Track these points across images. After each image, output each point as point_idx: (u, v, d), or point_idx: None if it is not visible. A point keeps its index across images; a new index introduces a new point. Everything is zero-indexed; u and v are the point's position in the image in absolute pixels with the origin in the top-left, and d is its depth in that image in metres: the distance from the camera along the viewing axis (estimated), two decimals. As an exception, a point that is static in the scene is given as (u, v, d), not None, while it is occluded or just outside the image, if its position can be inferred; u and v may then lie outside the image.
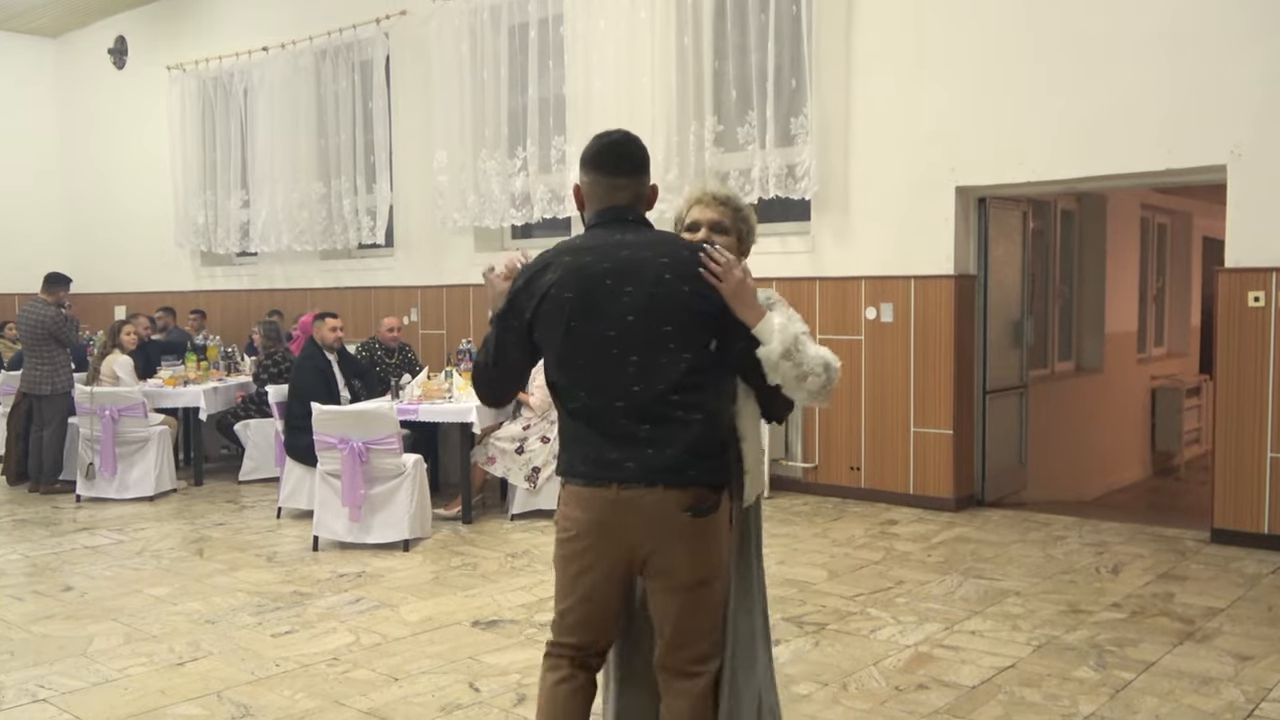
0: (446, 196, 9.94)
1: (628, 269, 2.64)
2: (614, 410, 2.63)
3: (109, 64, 13.88)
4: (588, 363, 2.65)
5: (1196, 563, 6.04)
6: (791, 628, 4.93)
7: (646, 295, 2.63)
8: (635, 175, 2.77)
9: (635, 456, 2.60)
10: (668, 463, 2.59)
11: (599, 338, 2.63)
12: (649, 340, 2.62)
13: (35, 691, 4.25)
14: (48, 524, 7.44)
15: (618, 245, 2.68)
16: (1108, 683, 4.22)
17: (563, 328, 2.65)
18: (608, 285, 2.63)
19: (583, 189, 2.81)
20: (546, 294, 2.66)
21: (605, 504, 2.62)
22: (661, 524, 2.60)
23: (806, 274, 7.96)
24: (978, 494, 7.66)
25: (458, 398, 7.34)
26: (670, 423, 2.61)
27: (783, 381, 2.73)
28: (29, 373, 8.53)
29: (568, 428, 2.73)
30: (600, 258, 2.66)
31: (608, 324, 2.63)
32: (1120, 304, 10.48)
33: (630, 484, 2.60)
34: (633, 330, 2.62)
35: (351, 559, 6.32)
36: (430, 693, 4.19)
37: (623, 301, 2.62)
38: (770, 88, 7.89)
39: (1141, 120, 6.56)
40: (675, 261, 2.67)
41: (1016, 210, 7.97)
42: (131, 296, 13.52)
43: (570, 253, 2.70)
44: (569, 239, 2.81)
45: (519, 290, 2.73)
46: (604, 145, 2.77)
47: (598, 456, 2.63)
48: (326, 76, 11.14)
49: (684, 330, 2.64)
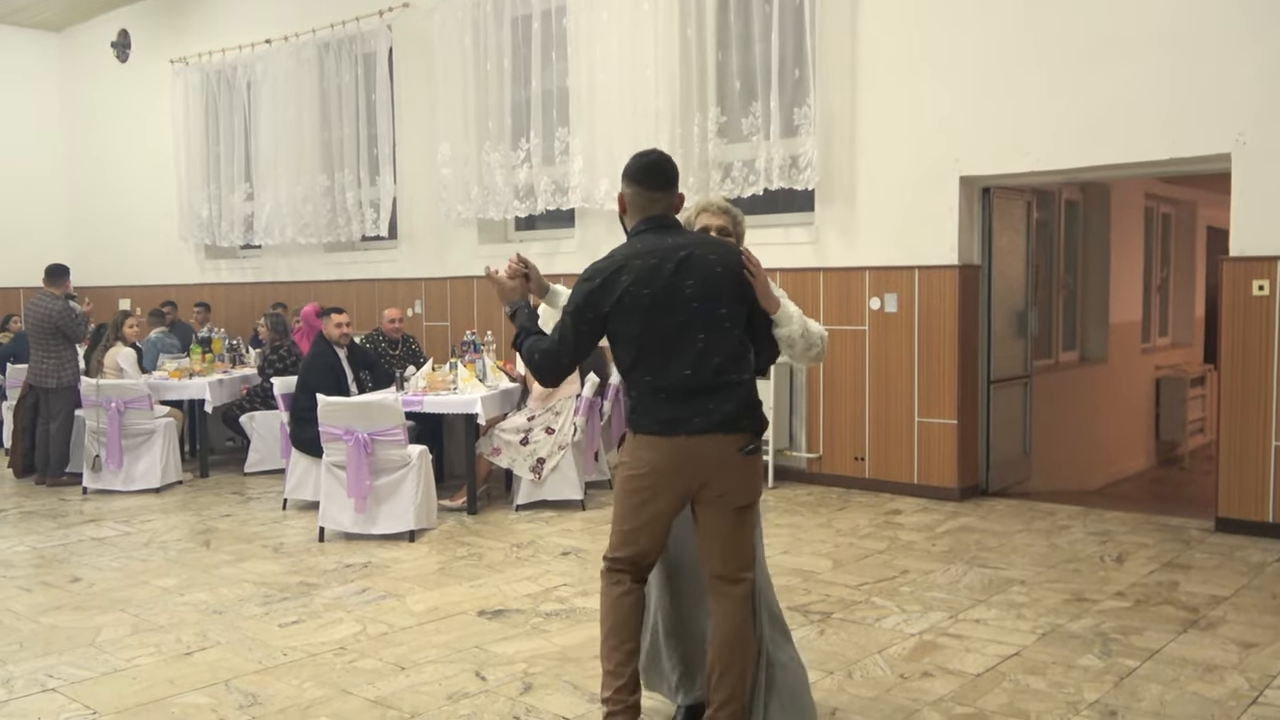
0: (450, 189, 9.94)
1: (687, 265, 3.30)
2: (683, 378, 3.29)
3: (112, 58, 13.89)
4: (664, 345, 3.30)
5: (1201, 551, 6.04)
6: (797, 616, 4.94)
7: (704, 285, 3.29)
8: (669, 189, 3.46)
9: (700, 412, 3.27)
10: (725, 416, 3.28)
11: (673, 323, 3.28)
12: (710, 321, 3.30)
13: (44, 681, 4.28)
14: (55, 516, 7.47)
15: (674, 247, 3.33)
16: (1112, 670, 4.23)
17: (642, 319, 3.29)
18: (674, 281, 3.28)
19: (626, 198, 3.49)
20: (625, 291, 3.29)
21: (675, 449, 3.28)
22: (720, 462, 3.28)
23: (810, 265, 7.96)
24: (982, 484, 7.67)
25: (462, 389, 7.35)
26: (726, 385, 3.30)
27: (793, 353, 3.46)
28: (35, 366, 8.55)
29: (641, 396, 3.36)
30: (664, 259, 3.31)
31: (678, 311, 3.28)
32: (1124, 294, 10.47)
33: (696, 434, 3.26)
34: (697, 314, 3.29)
35: (357, 550, 6.34)
36: (437, 681, 4.21)
37: (687, 292, 3.28)
38: (774, 79, 7.88)
39: (1146, 109, 6.55)
40: (721, 258, 3.35)
41: (1020, 200, 7.97)
42: (136, 290, 13.54)
43: (639, 257, 3.33)
44: (629, 245, 3.42)
45: (595, 289, 3.32)
46: (645, 164, 3.46)
47: (669, 416, 3.29)
48: (330, 69, 11.14)
49: (734, 312, 3.33)
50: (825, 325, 7.66)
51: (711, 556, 3.36)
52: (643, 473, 3.33)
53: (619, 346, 3.36)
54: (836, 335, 7.85)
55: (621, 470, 3.42)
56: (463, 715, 3.88)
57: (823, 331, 3.51)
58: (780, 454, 8.04)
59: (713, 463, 3.29)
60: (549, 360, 3.40)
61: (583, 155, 8.95)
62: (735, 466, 3.31)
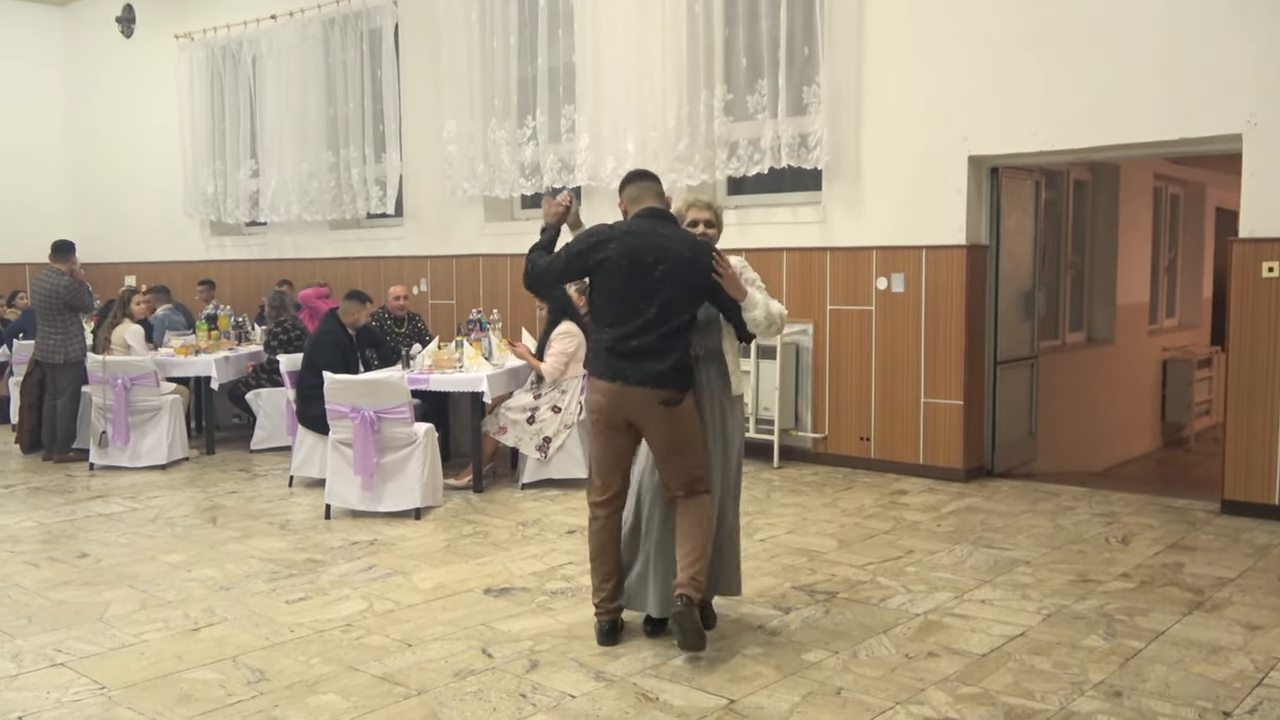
0: (456, 166, 9.91)
1: (663, 252, 4.08)
2: (627, 339, 4.10)
3: (117, 33, 13.83)
4: (622, 306, 4.10)
5: (1206, 533, 6.04)
6: (802, 596, 4.95)
7: (670, 272, 4.07)
8: (656, 180, 4.32)
9: (637, 368, 4.09)
10: (654, 373, 4.08)
11: (634, 293, 4.08)
12: (664, 301, 4.07)
13: (53, 656, 4.30)
14: (62, 492, 7.49)
15: (657, 234, 4.11)
16: (1117, 651, 4.23)
17: (614, 280, 4.10)
18: (649, 261, 4.07)
19: (625, 201, 4.29)
20: (608, 256, 4.09)
21: (614, 393, 4.14)
22: (646, 410, 4.13)
23: (817, 244, 7.94)
24: (987, 464, 7.66)
25: (468, 367, 7.35)
26: (662, 351, 4.09)
27: (758, 330, 4.28)
28: (42, 341, 8.55)
29: (598, 345, 4.20)
30: (646, 241, 4.09)
31: (642, 285, 4.07)
32: (1132, 275, 10.43)
33: (629, 384, 4.09)
34: (657, 292, 4.07)
35: (364, 527, 6.36)
36: (444, 658, 4.22)
37: (656, 272, 4.07)
38: (782, 56, 7.84)
39: (1156, 89, 6.51)
40: (694, 255, 4.12)
41: (1029, 180, 7.93)
42: (141, 266, 13.54)
43: (630, 234, 4.12)
44: (629, 222, 4.21)
45: (590, 245, 4.14)
46: (633, 171, 4.40)
47: (615, 366, 4.12)
48: (335, 45, 11.10)
49: (687, 298, 4.13)
50: (832, 305, 7.85)
51: (666, 479, 4.24)
52: (594, 410, 4.22)
53: (595, 297, 4.21)
54: (843, 315, 7.84)
55: (587, 411, 4.33)
56: (469, 692, 3.89)
57: (782, 310, 4.33)
58: (786, 434, 8.05)
59: (640, 409, 4.11)
60: (542, 274, 4.29)
61: (588, 133, 8.92)
62: (658, 415, 4.11)
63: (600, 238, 4.13)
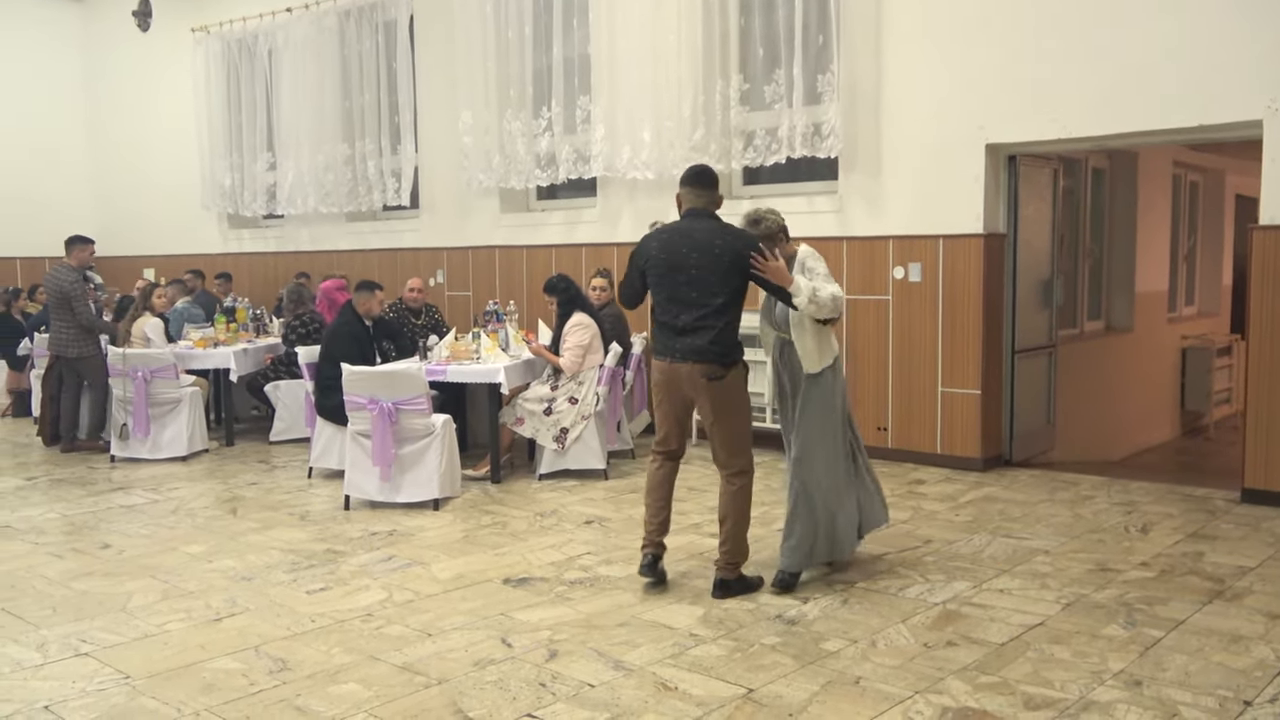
0: (471, 158, 9.92)
1: (695, 244, 4.70)
2: (677, 320, 4.73)
3: (133, 27, 13.83)
4: (671, 295, 4.76)
5: (1226, 522, 6.02)
6: (820, 585, 4.96)
7: (703, 259, 4.67)
8: (708, 190, 4.85)
9: (682, 345, 4.72)
10: (695, 349, 4.69)
11: (676, 280, 4.73)
12: (702, 285, 4.68)
13: (78, 646, 4.34)
14: (84, 484, 7.56)
15: (691, 230, 4.76)
16: (1137, 640, 4.22)
17: (660, 275, 4.78)
18: (684, 253, 4.72)
19: (679, 196, 4.89)
20: (652, 254, 4.81)
21: (665, 369, 4.81)
22: (691, 382, 4.74)
23: (834, 234, 7.91)
24: (1005, 454, 7.64)
25: (485, 359, 7.37)
26: (703, 329, 4.68)
27: (809, 312, 4.73)
28: (55, 335, 8.62)
29: (655, 329, 4.87)
30: (682, 239, 4.75)
31: (682, 273, 4.71)
32: (1151, 263, 10.37)
33: (676, 360, 4.74)
34: (694, 278, 4.69)
35: (382, 518, 6.39)
36: (463, 648, 4.25)
37: (691, 261, 4.70)
38: (798, 45, 7.81)
39: (1175, 75, 6.45)
40: (723, 242, 4.69)
41: (1047, 168, 7.89)
42: (159, 259, 13.61)
43: (668, 233, 4.83)
44: (670, 223, 4.92)
45: (638, 249, 4.90)
46: (693, 173, 4.89)
47: (665, 344, 4.79)
48: (350, 37, 11.11)
49: (722, 281, 4.68)
50: (849, 295, 7.79)
51: (712, 448, 4.89)
52: (654, 382, 4.93)
53: (651, 292, 4.86)
54: (860, 305, 7.82)
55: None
56: (489, 681, 3.91)
57: (834, 292, 4.70)
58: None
59: (686, 382, 4.75)
60: (625, 294, 5.03)
61: (604, 123, 8.91)
62: (702, 388, 4.71)
63: (645, 240, 4.91)
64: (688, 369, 4.69)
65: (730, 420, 4.78)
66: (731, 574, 4.84)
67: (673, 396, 4.83)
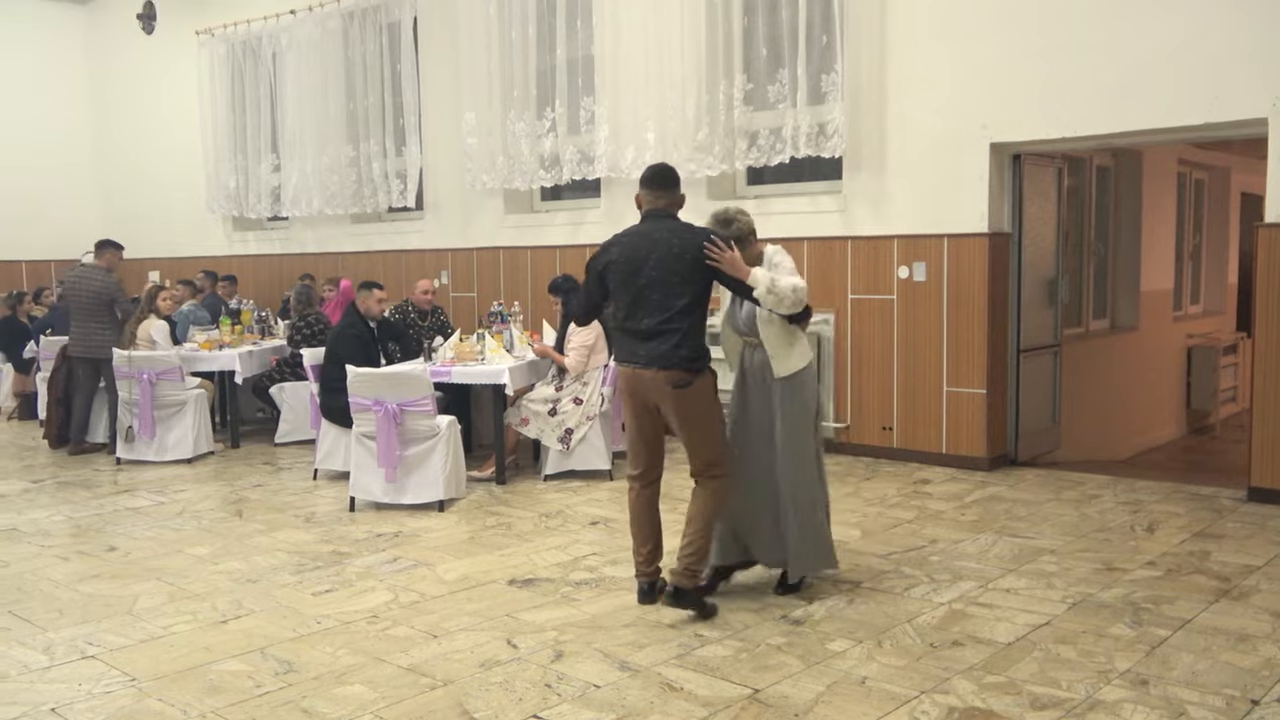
0: (475, 159, 9.93)
1: (653, 246, 4.49)
2: (640, 325, 4.50)
3: (138, 29, 13.87)
4: (631, 298, 4.53)
5: (1233, 521, 6.00)
6: (826, 585, 4.95)
7: (661, 261, 4.47)
8: (667, 190, 4.63)
9: (645, 350, 4.49)
10: (659, 354, 4.45)
11: (637, 284, 4.50)
12: (663, 287, 4.46)
13: (84, 648, 4.35)
14: (89, 486, 7.57)
15: (649, 232, 4.55)
16: (1144, 639, 4.22)
17: (619, 280, 4.55)
18: (642, 255, 4.50)
19: (638, 198, 4.67)
20: (611, 260, 4.59)
21: (630, 376, 4.57)
22: (657, 390, 4.50)
23: (838, 233, 7.91)
24: (1011, 453, 7.63)
25: (490, 360, 7.37)
26: (668, 332, 4.45)
27: (767, 305, 4.51)
28: (86, 338, 8.55)
29: (616, 335, 4.71)
30: (641, 241, 4.54)
31: (642, 277, 4.49)
32: (1156, 261, 10.35)
33: (640, 366, 4.50)
34: (654, 280, 4.47)
35: (388, 519, 6.39)
36: (469, 649, 4.25)
37: (650, 263, 4.48)
38: (801, 45, 7.80)
39: (1180, 73, 6.44)
40: (680, 241, 4.48)
41: (1051, 167, 7.88)
42: (165, 262, 13.63)
43: (628, 236, 4.61)
44: (628, 228, 4.65)
45: (597, 255, 4.67)
46: (651, 173, 4.65)
47: (629, 350, 4.56)
48: (354, 39, 11.13)
49: (683, 281, 4.46)
50: (853, 294, 7.81)
51: (690, 458, 4.60)
52: (621, 393, 4.70)
53: (613, 298, 4.64)
54: (864, 304, 7.82)
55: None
56: (494, 683, 3.91)
57: (793, 283, 4.46)
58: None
59: (653, 390, 4.50)
60: (583, 307, 5.03)
61: (608, 124, 8.91)
62: (668, 395, 4.47)
63: (604, 246, 4.68)
64: (651, 375, 4.44)
65: (702, 426, 4.53)
66: (689, 582, 4.50)
67: (638, 406, 4.56)
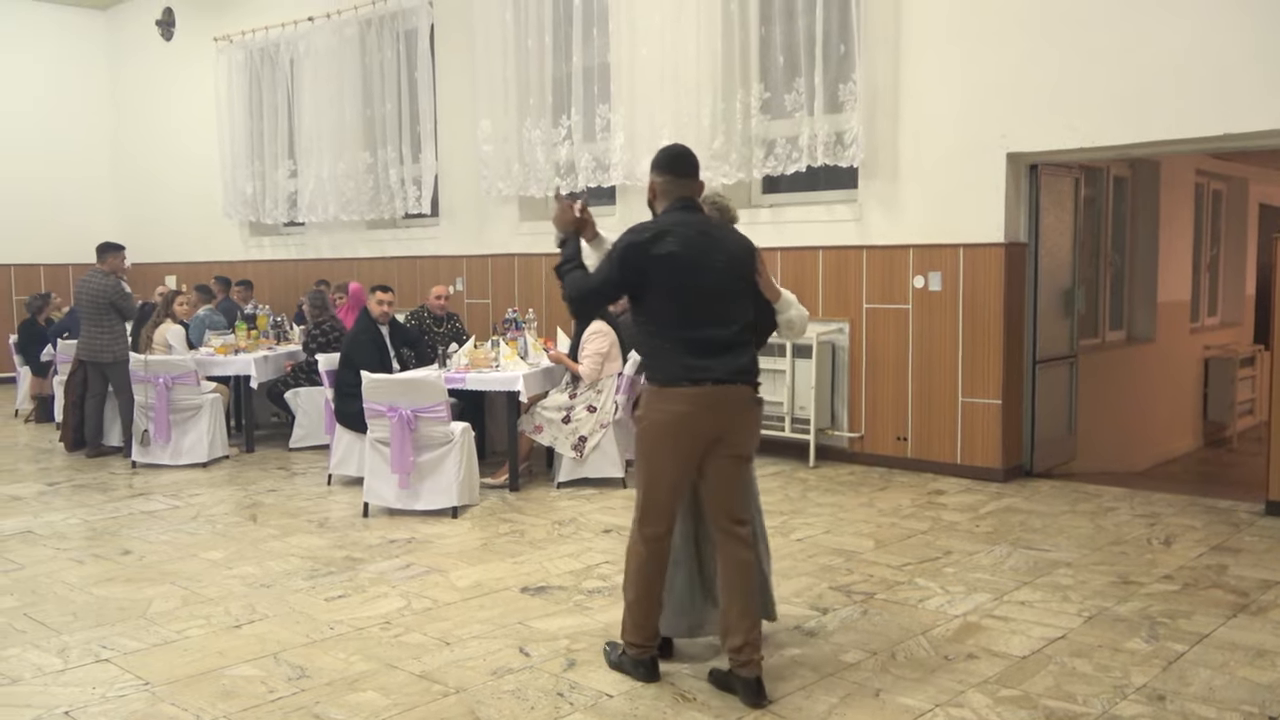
0: (491, 166, 9.95)
1: (715, 245, 3.87)
2: (711, 334, 3.80)
3: (157, 36, 14.01)
4: (697, 304, 3.80)
5: (1250, 535, 5.96)
6: (839, 596, 4.93)
7: (728, 260, 3.89)
8: (694, 176, 3.99)
9: (723, 364, 3.78)
10: (741, 367, 3.81)
11: (700, 288, 3.80)
12: (732, 290, 3.89)
13: (98, 652, 4.36)
14: (105, 489, 7.60)
15: (703, 227, 3.90)
16: (1160, 654, 4.18)
17: (681, 278, 3.78)
18: (704, 254, 3.82)
19: (657, 186, 3.97)
20: (669, 252, 3.77)
21: (702, 396, 3.75)
22: (737, 407, 3.82)
23: (853, 242, 7.90)
24: (1026, 464, 7.59)
25: (504, 366, 7.38)
26: (743, 344, 3.87)
27: (791, 333, 4.23)
28: (90, 341, 8.65)
29: (662, 348, 3.83)
30: (699, 237, 3.84)
31: (708, 277, 3.81)
32: (1173, 272, 10.30)
33: (719, 382, 3.76)
34: (723, 283, 3.86)
35: (401, 525, 6.40)
36: (481, 657, 4.24)
37: (716, 264, 3.84)
38: (818, 54, 7.80)
39: (1199, 84, 6.41)
40: (738, 243, 3.99)
41: (1068, 177, 7.85)
42: (181, 266, 13.70)
43: (680, 226, 3.84)
44: (666, 217, 3.90)
45: (643, 243, 3.79)
46: (675, 155, 3.98)
47: (698, 365, 3.76)
48: (371, 46, 11.18)
49: (746, 287, 3.95)
50: (868, 303, 7.82)
51: (721, 507, 3.87)
52: (669, 425, 3.79)
53: (654, 300, 3.83)
54: (880, 314, 7.80)
55: (645, 428, 3.85)
56: (507, 690, 3.91)
57: (804, 313, 4.26)
58: (822, 433, 8.01)
59: (730, 410, 3.81)
60: (595, 296, 4.02)
61: (624, 131, 8.93)
62: (747, 414, 3.87)
63: (651, 232, 3.80)
64: (732, 392, 3.78)
65: (752, 463, 4.01)
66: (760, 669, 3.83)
67: (692, 438, 3.78)
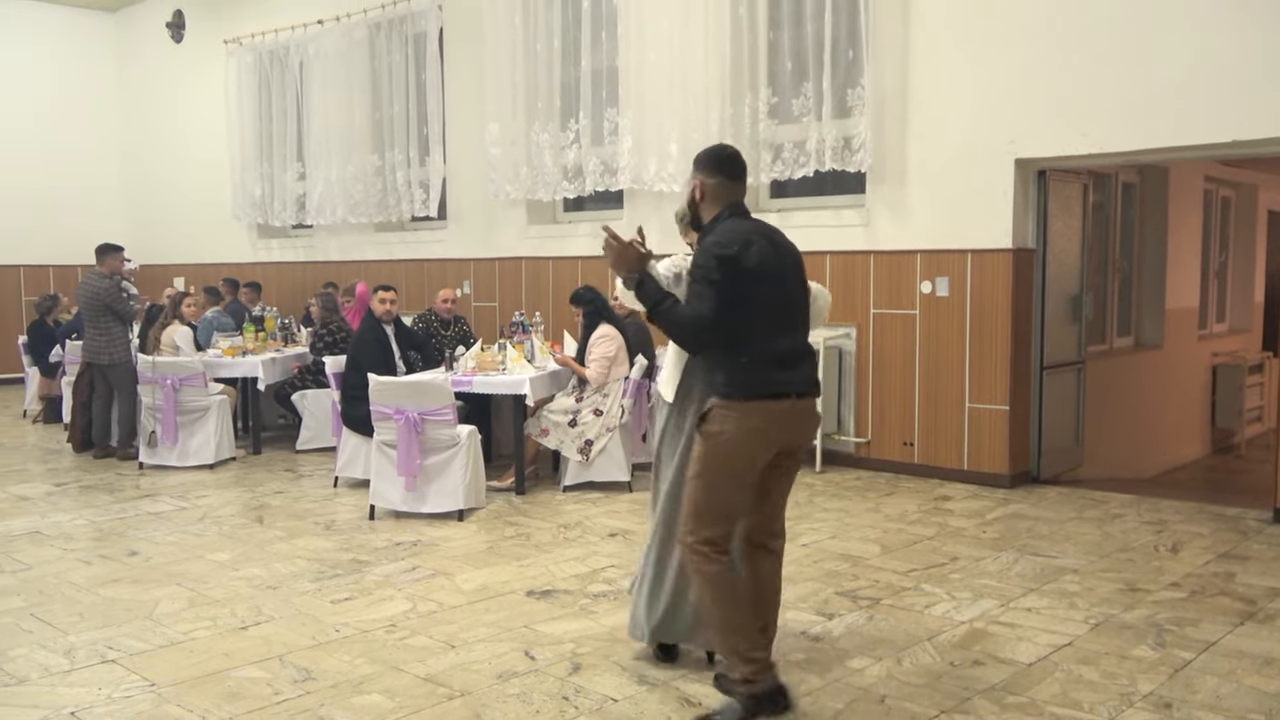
0: (499, 169, 9.97)
1: (784, 251, 3.75)
2: (789, 344, 3.65)
3: (167, 38, 14.06)
4: (777, 314, 3.64)
5: (1258, 542, 5.93)
6: (845, 602, 4.92)
7: (794, 266, 3.77)
8: (745, 179, 3.85)
9: (800, 375, 3.64)
10: (812, 378, 3.70)
11: (785, 294, 3.69)
12: (799, 297, 3.78)
13: (104, 653, 4.37)
14: (112, 490, 7.62)
15: (768, 232, 3.75)
16: (1167, 662, 4.17)
17: (769, 285, 3.60)
18: (778, 262, 3.68)
19: (708, 188, 3.76)
20: (762, 260, 3.58)
21: (786, 410, 3.58)
22: (810, 419, 3.71)
23: (861, 247, 7.89)
24: (1033, 471, 7.57)
25: (511, 369, 7.38)
26: (810, 352, 3.77)
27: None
28: (89, 343, 8.72)
29: (740, 361, 3.55)
30: (770, 245, 3.67)
31: (784, 285, 3.69)
32: (1181, 279, 10.28)
33: (801, 395, 3.63)
34: (794, 290, 3.75)
35: (407, 528, 6.40)
36: (486, 660, 4.24)
37: (789, 272, 3.73)
38: (826, 59, 7.80)
39: (1208, 90, 6.39)
40: (795, 250, 3.83)
41: (1076, 183, 7.84)
42: (190, 268, 13.74)
43: (755, 234, 3.66)
44: (737, 225, 3.68)
45: (737, 256, 3.53)
46: (728, 156, 3.81)
47: (782, 378, 3.59)
48: (380, 49, 11.21)
49: (806, 293, 3.85)
50: (875, 308, 7.84)
51: (773, 517, 3.77)
52: (746, 439, 3.53)
53: (740, 313, 3.54)
54: (886, 319, 7.79)
55: (723, 442, 3.53)
56: (512, 694, 3.91)
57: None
58: (829, 438, 8.00)
59: (804, 420, 3.69)
60: (715, 326, 3.52)
61: (632, 136, 8.93)
62: (814, 426, 3.77)
63: (739, 243, 3.57)
64: (808, 405, 3.69)
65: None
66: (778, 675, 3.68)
67: (772, 448, 3.61)
